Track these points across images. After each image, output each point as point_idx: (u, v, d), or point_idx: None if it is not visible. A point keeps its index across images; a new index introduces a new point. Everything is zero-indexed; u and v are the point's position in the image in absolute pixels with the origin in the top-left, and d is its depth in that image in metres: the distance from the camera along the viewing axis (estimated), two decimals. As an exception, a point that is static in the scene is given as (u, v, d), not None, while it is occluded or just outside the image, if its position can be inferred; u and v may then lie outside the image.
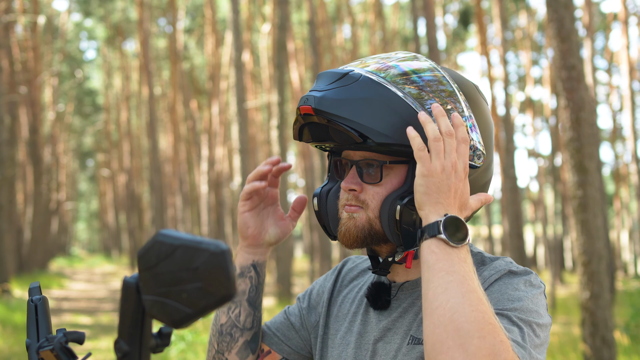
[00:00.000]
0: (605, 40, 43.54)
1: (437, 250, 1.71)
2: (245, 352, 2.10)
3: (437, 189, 1.76)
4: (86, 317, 19.68)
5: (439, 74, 1.90)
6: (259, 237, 2.08)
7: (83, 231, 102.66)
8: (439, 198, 1.76)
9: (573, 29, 8.34)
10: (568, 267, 44.13)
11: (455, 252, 1.71)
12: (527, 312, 1.76)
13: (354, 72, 1.85)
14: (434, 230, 1.73)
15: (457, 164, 1.78)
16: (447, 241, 1.71)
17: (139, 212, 44.90)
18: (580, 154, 8.14)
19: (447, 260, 1.69)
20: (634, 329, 13.57)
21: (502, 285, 1.83)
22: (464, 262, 1.70)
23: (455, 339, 1.58)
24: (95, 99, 57.99)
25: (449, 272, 1.67)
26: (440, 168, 1.76)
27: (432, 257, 1.71)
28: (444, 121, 1.80)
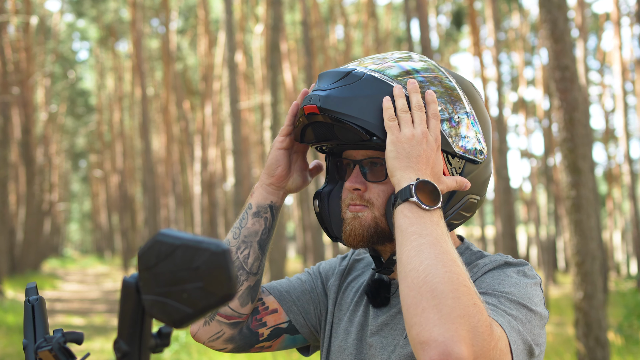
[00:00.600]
0: (598, 41, 43.65)
1: (410, 214, 1.71)
2: (246, 298, 2.06)
3: (406, 155, 1.78)
4: (79, 318, 19.64)
5: (439, 72, 1.93)
6: (284, 179, 2.07)
7: (75, 232, 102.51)
8: (409, 163, 1.78)
9: (566, 29, 8.35)
10: (561, 267, 44.20)
11: (427, 216, 1.71)
12: (517, 296, 1.76)
13: (357, 70, 1.87)
14: (406, 194, 1.73)
15: (427, 134, 1.81)
16: (419, 204, 1.71)
17: (131, 213, 44.82)
18: (573, 154, 8.15)
19: (419, 223, 1.70)
20: (627, 329, 13.60)
21: (495, 273, 1.84)
22: (437, 225, 1.70)
23: (429, 300, 1.57)
24: (87, 100, 57.89)
25: (421, 234, 1.67)
26: (410, 135, 1.79)
27: (404, 221, 1.71)
28: (415, 96, 1.83)
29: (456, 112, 1.89)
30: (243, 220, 2.05)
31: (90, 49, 57.50)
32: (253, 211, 2.05)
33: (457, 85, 1.92)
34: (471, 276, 1.86)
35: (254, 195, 2.07)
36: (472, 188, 1.95)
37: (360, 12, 41.09)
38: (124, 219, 43.46)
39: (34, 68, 35.04)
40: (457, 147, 1.88)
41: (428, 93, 1.85)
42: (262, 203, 2.06)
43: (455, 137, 1.88)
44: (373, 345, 1.97)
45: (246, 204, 2.08)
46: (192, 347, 12.76)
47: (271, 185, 2.06)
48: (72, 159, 68.50)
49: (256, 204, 2.06)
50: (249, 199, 2.07)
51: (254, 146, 42.00)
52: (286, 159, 2.06)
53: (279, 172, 2.05)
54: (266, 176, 2.06)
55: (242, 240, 2.03)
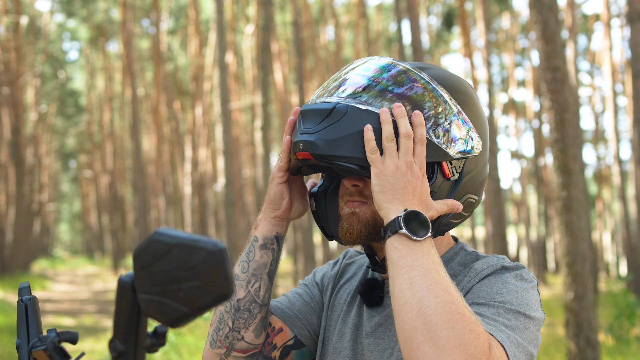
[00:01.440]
0: (588, 42, 43.74)
1: (400, 246, 1.72)
2: (260, 329, 2.05)
3: (392, 187, 1.78)
4: (69, 319, 19.61)
5: (414, 75, 1.91)
6: (289, 209, 2.06)
7: (65, 233, 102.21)
8: (395, 195, 1.77)
9: (557, 30, 8.37)
10: (551, 268, 44.24)
11: (418, 246, 1.71)
12: (516, 304, 1.77)
13: (339, 105, 1.85)
14: (395, 226, 1.73)
15: (412, 164, 1.80)
16: (409, 236, 1.72)
17: (121, 213, 44.79)
18: (564, 155, 8.17)
19: (410, 255, 1.70)
20: (618, 330, 13.64)
21: (492, 279, 1.84)
22: (428, 255, 1.70)
23: (424, 334, 1.58)
24: (78, 100, 57.73)
25: (412, 266, 1.68)
26: (394, 167, 1.78)
27: (395, 254, 1.72)
28: (403, 122, 1.82)
29: (445, 118, 1.88)
30: (250, 253, 2.04)
31: (80, 49, 57.39)
32: (260, 244, 2.04)
33: (438, 86, 1.90)
34: (468, 282, 1.87)
35: (259, 227, 2.06)
36: (470, 187, 1.95)
37: (351, 13, 41.09)
38: (114, 219, 43.40)
39: (23, 68, 34.92)
40: (454, 152, 1.89)
41: (415, 114, 1.84)
42: (268, 235, 2.05)
43: (450, 142, 1.88)
44: (369, 347, 1.97)
45: (251, 236, 2.07)
46: (183, 347, 12.74)
47: (276, 217, 2.05)
48: (62, 159, 68.37)
49: (262, 237, 2.04)
50: (254, 232, 2.06)
51: (244, 147, 41.95)
52: (288, 190, 2.05)
53: (284, 205, 2.04)
54: (270, 210, 2.06)
55: (251, 273, 2.02)
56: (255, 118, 28.90)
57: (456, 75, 2.00)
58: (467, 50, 30.97)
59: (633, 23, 15.63)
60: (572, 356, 8.30)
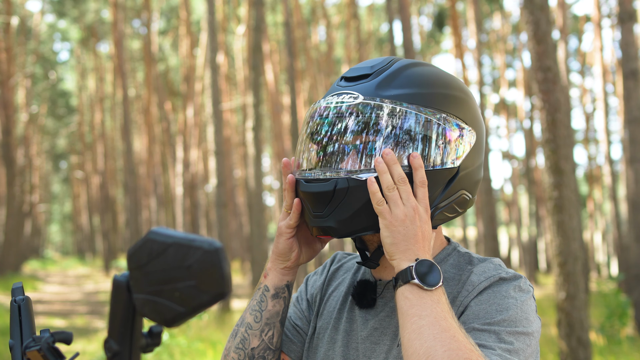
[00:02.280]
0: (579, 43, 43.78)
1: (411, 295, 1.73)
2: None
3: (404, 237, 1.78)
4: (60, 320, 19.55)
5: (389, 108, 1.87)
6: (298, 259, 2.05)
7: (56, 233, 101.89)
8: (407, 245, 1.78)
9: (549, 30, 8.38)
10: (542, 268, 44.32)
11: (428, 295, 1.73)
12: (516, 322, 1.78)
13: (339, 183, 1.84)
14: (407, 276, 1.75)
15: (418, 208, 1.81)
16: (420, 285, 1.73)
17: (113, 214, 44.69)
18: (556, 155, 8.17)
19: (420, 304, 1.71)
20: (609, 330, 13.66)
21: (491, 295, 1.84)
22: (437, 303, 1.72)
23: None
24: (68, 101, 57.57)
25: (421, 316, 1.69)
26: (403, 216, 1.79)
27: (405, 304, 1.73)
28: (395, 169, 1.81)
29: (436, 137, 1.87)
30: (262, 303, 2.04)
31: (71, 49, 57.18)
32: (272, 294, 2.04)
33: (413, 106, 1.87)
34: (466, 296, 1.87)
35: (269, 277, 2.05)
36: (465, 184, 1.95)
37: (342, 13, 41.08)
38: (105, 220, 43.28)
39: (14, 69, 34.80)
40: (455, 160, 1.90)
41: (413, 157, 1.83)
42: (280, 285, 2.04)
43: (448, 155, 1.89)
44: (366, 353, 1.97)
45: (261, 284, 2.07)
46: (175, 347, 12.72)
47: (285, 268, 2.05)
48: (53, 160, 68.17)
49: (273, 287, 2.04)
50: (264, 281, 2.06)
51: (236, 147, 41.93)
52: (297, 242, 2.04)
53: (293, 257, 2.04)
54: (280, 262, 2.05)
55: (265, 322, 2.03)
56: (246, 118, 28.88)
57: (449, 73, 1.99)
58: (459, 50, 30.98)
59: (624, 23, 15.65)
60: (563, 356, 8.31)
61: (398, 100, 1.86)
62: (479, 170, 2.00)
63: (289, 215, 2.00)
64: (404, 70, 1.92)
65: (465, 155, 1.92)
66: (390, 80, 1.89)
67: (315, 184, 1.89)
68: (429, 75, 1.93)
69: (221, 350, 12.84)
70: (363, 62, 2.00)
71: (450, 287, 1.92)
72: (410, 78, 1.91)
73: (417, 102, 1.87)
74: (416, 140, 1.85)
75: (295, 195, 1.97)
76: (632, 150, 15.46)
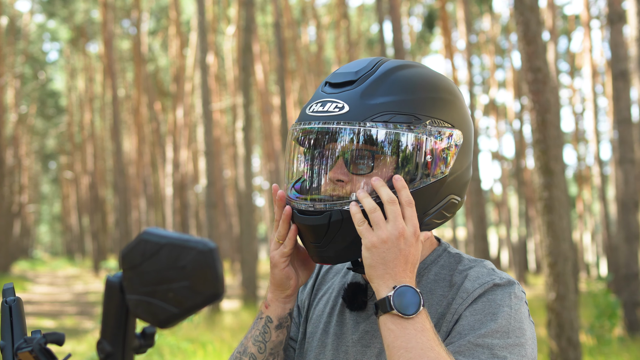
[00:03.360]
0: (568, 43, 43.92)
1: (393, 326, 1.71)
2: None
3: (382, 261, 1.75)
4: (50, 321, 19.50)
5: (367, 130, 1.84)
6: (297, 284, 2.02)
7: (46, 234, 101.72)
8: (386, 269, 1.75)
9: (539, 31, 8.39)
10: (531, 268, 44.42)
11: (411, 325, 1.71)
12: (509, 332, 1.77)
13: (333, 216, 1.83)
14: (386, 306, 1.73)
15: (404, 230, 1.77)
16: (400, 315, 1.71)
17: (102, 214, 44.62)
18: (546, 155, 8.19)
19: (403, 336, 1.70)
20: (599, 330, 13.69)
21: (485, 303, 1.83)
22: (422, 332, 1.70)
23: None
24: (58, 101, 57.48)
25: (407, 349, 1.68)
26: (385, 237, 1.75)
27: (389, 335, 1.72)
28: (383, 191, 1.79)
29: (424, 153, 1.84)
30: (266, 334, 2.01)
31: (60, 49, 57.05)
32: (275, 324, 2.00)
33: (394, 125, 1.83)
34: (460, 304, 1.85)
35: (271, 308, 2.01)
36: (454, 188, 1.92)
37: (332, 14, 41.09)
38: (94, 220, 43.22)
39: (3, 69, 34.73)
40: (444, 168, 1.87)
41: (395, 179, 1.80)
42: (282, 314, 2.01)
43: (437, 167, 1.86)
44: (357, 356, 1.96)
45: (263, 314, 2.02)
46: (165, 348, 12.70)
47: (287, 297, 2.01)
48: (42, 160, 68.04)
49: (277, 317, 2.01)
50: (266, 311, 2.01)
51: (226, 148, 41.91)
52: (293, 269, 2.00)
53: (292, 285, 2.00)
54: (280, 292, 2.00)
55: (269, 352, 2.01)
56: (236, 119, 28.89)
57: (439, 73, 1.97)
58: (448, 51, 31.03)
59: (613, 24, 15.69)
60: (553, 356, 8.32)
61: (384, 110, 1.83)
62: (467, 172, 1.97)
63: (281, 244, 1.96)
64: (389, 74, 1.88)
65: (454, 160, 1.90)
66: (375, 87, 1.86)
67: (309, 216, 1.86)
68: (415, 79, 1.89)
69: (211, 350, 12.84)
70: (348, 66, 1.96)
71: (441, 289, 1.91)
72: (396, 83, 1.87)
73: (404, 110, 1.83)
74: (406, 159, 1.83)
75: (289, 226, 1.94)
76: (622, 150, 15.50)
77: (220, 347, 13.29)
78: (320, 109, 1.88)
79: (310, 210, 1.86)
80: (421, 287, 1.93)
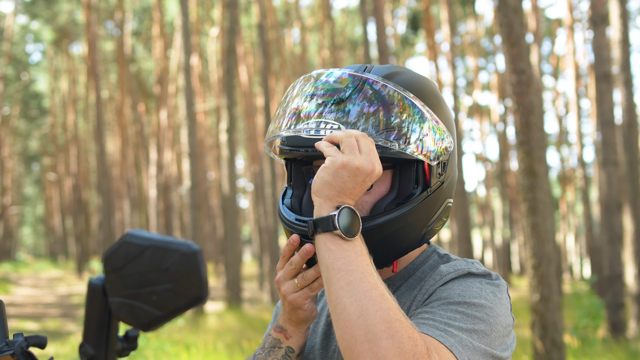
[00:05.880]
0: (552, 46, 44.07)
1: (334, 247, 1.68)
2: None
3: (342, 184, 1.71)
4: (33, 323, 19.43)
5: (388, 92, 1.82)
6: (317, 313, 1.95)
7: (29, 236, 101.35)
8: (339, 193, 1.71)
9: (522, 33, 8.41)
10: (515, 270, 44.54)
11: (351, 247, 1.68)
12: (477, 307, 1.74)
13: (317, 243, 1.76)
14: (328, 225, 1.69)
15: (375, 169, 1.72)
16: (342, 236, 1.68)
17: (86, 216, 44.45)
18: (530, 157, 8.21)
19: (344, 257, 1.66)
20: (583, 331, 13.74)
21: (455, 283, 1.81)
22: (361, 255, 1.67)
23: (364, 344, 1.56)
24: (41, 102, 57.29)
25: (348, 271, 1.64)
26: (357, 164, 1.69)
27: (329, 256, 1.67)
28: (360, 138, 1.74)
29: (421, 128, 1.81)
30: None
31: (43, 51, 56.88)
32: (296, 354, 1.94)
33: (408, 94, 1.83)
34: (432, 284, 1.84)
35: (292, 339, 1.93)
36: (449, 193, 1.93)
37: (316, 16, 41.10)
38: (78, 222, 43.09)
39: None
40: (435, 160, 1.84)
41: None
42: (303, 342, 1.95)
43: (429, 152, 1.83)
44: None
45: (282, 344, 1.94)
46: (148, 350, 12.67)
47: (308, 327, 1.94)
48: (25, 162, 67.75)
49: (298, 347, 1.94)
50: (285, 342, 1.93)
51: (209, 149, 41.86)
52: (312, 302, 1.92)
53: (314, 315, 1.92)
54: (302, 326, 1.93)
55: None
56: (220, 120, 28.82)
57: (424, 76, 1.96)
58: (432, 53, 31.09)
59: (596, 27, 15.76)
60: (538, 357, 8.34)
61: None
62: (456, 173, 1.99)
63: (292, 276, 1.87)
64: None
65: (447, 165, 1.90)
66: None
67: (299, 227, 1.83)
68: (407, 87, 1.87)
69: (195, 353, 12.82)
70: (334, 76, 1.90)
71: (428, 285, 1.89)
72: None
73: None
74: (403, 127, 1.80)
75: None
76: (605, 152, 15.57)
77: (204, 349, 13.28)
78: (313, 126, 1.83)
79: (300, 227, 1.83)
80: (408, 285, 1.92)
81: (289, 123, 1.86)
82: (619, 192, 15.45)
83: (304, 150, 1.84)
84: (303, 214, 1.93)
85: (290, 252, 1.86)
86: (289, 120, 1.87)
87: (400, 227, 1.81)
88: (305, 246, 1.80)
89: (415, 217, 1.83)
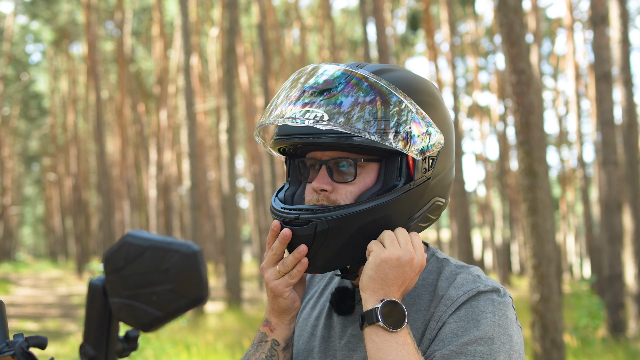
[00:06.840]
0: (552, 46, 44.06)
1: (377, 339, 1.74)
2: None
3: (384, 277, 1.78)
4: (32, 323, 19.42)
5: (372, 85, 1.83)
6: (300, 304, 1.98)
7: (29, 236, 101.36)
8: (382, 286, 1.77)
9: (522, 33, 8.40)
10: (515, 270, 44.54)
11: (393, 338, 1.73)
12: (494, 339, 1.77)
13: (320, 223, 1.82)
14: (372, 318, 1.75)
15: (414, 257, 1.79)
16: (385, 328, 1.73)
17: (85, 216, 44.43)
18: (530, 157, 8.20)
19: (386, 348, 1.72)
20: (583, 331, 13.74)
21: (469, 310, 1.82)
22: (403, 345, 1.72)
23: None
24: (41, 103, 57.27)
25: None
26: (396, 256, 1.77)
27: (372, 347, 1.74)
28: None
29: (406, 123, 1.81)
30: (274, 357, 1.97)
31: (43, 51, 56.84)
32: (282, 347, 1.97)
33: (392, 87, 1.83)
34: (444, 311, 1.85)
35: (277, 332, 1.97)
36: (438, 190, 1.93)
37: (316, 16, 41.10)
38: (77, 222, 43.07)
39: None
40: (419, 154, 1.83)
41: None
42: (288, 334, 1.98)
43: (410, 143, 1.82)
44: (345, 359, 1.96)
45: (267, 337, 1.98)
46: (148, 351, 12.66)
47: (291, 318, 1.98)
48: (25, 162, 67.72)
49: (284, 339, 1.97)
50: (271, 335, 1.98)
51: (209, 149, 41.86)
52: (294, 292, 1.96)
53: (297, 306, 1.96)
54: (285, 317, 1.96)
55: None
56: (220, 120, 28.82)
57: (420, 76, 1.96)
58: (432, 53, 31.09)
59: (596, 26, 15.75)
60: (537, 358, 8.34)
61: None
62: (450, 173, 1.98)
63: (281, 275, 1.90)
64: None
65: (436, 162, 1.90)
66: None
67: (295, 227, 1.85)
68: (396, 84, 1.87)
69: (196, 353, 12.82)
70: (327, 71, 1.92)
71: (428, 294, 1.90)
72: None
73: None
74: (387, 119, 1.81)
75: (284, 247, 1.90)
76: (605, 152, 15.57)
77: (205, 349, 13.27)
78: (298, 115, 1.84)
79: (295, 222, 1.85)
80: (412, 294, 1.93)
81: (275, 112, 1.88)
82: (619, 192, 15.45)
83: (295, 138, 1.87)
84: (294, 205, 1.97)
85: (272, 238, 1.89)
86: (276, 109, 1.89)
87: (380, 216, 1.83)
88: (283, 231, 1.84)
89: (397, 209, 1.84)
